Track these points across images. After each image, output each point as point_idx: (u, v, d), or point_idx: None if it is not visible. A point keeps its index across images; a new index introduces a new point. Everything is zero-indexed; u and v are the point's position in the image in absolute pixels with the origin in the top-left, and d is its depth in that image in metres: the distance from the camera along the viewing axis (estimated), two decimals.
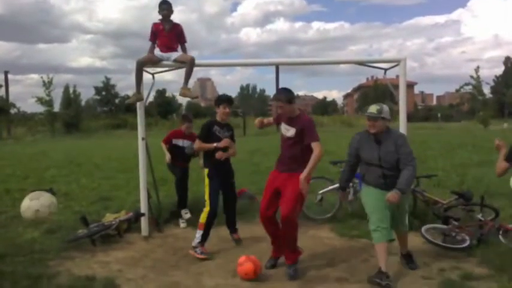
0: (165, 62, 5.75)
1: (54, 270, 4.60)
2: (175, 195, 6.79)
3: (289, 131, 4.56)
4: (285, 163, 4.60)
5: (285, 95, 4.53)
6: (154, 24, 5.71)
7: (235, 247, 5.51)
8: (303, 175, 4.28)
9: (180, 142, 6.90)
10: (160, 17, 5.71)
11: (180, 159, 6.81)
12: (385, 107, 4.32)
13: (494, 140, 4.39)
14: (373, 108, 4.29)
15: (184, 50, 5.82)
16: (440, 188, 8.20)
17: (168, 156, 6.81)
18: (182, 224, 6.52)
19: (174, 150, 6.86)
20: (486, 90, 48.29)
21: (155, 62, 5.72)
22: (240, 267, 4.38)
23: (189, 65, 5.62)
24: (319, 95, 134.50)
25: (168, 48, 5.70)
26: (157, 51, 5.71)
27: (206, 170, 5.39)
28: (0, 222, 6.76)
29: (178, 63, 5.72)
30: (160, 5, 5.68)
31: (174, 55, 5.68)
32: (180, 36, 5.79)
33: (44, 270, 4.56)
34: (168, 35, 5.68)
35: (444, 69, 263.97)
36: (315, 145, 4.36)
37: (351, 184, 6.75)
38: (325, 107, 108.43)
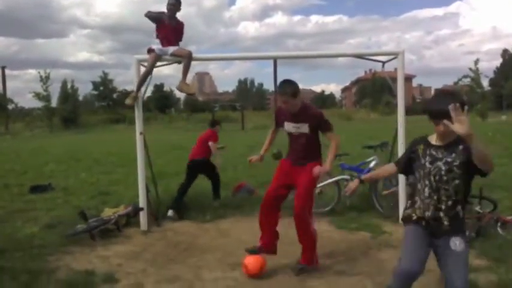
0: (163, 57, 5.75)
1: (54, 265, 4.61)
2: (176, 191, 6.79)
3: (300, 128, 4.32)
4: (299, 157, 4.38)
5: (290, 88, 4.21)
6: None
7: (234, 241, 5.52)
8: (324, 168, 4.23)
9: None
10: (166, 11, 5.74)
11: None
12: None
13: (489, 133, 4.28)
14: None
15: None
16: None
17: (221, 160, 7.35)
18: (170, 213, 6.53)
19: (209, 152, 7.02)
20: (485, 83, 48.37)
21: (159, 59, 5.72)
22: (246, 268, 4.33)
23: (186, 59, 5.63)
24: (318, 88, 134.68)
25: (168, 41, 5.70)
26: (158, 45, 5.70)
27: None
28: None
29: (175, 58, 5.72)
30: (168, 1, 5.70)
31: (171, 49, 5.67)
32: (180, 33, 5.84)
33: (43, 265, 4.57)
34: (171, 29, 5.70)
35: (442, 62, 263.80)
36: (332, 135, 4.32)
37: (349, 177, 6.78)
38: (324, 100, 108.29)
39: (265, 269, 4.35)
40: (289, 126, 4.40)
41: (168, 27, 5.71)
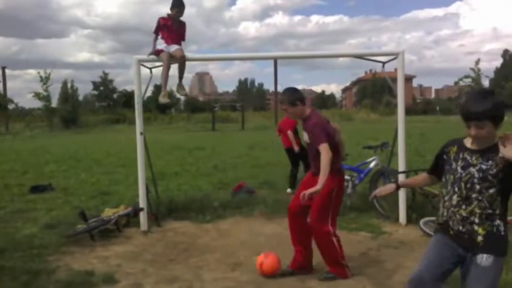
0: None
1: (54, 265, 4.61)
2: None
3: (305, 136, 4.30)
4: (315, 167, 4.19)
5: (288, 96, 4.20)
6: (162, 19, 5.74)
7: (234, 241, 5.52)
8: (317, 188, 3.82)
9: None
10: (169, 12, 5.75)
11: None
12: None
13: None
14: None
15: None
16: None
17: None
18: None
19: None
20: (485, 83, 48.40)
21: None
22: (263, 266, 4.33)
23: (179, 62, 5.69)
24: (318, 88, 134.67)
25: (173, 41, 5.74)
26: (163, 45, 5.72)
27: None
28: None
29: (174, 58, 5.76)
30: (176, 5, 5.72)
31: (173, 48, 5.69)
32: (182, 34, 5.89)
33: (43, 265, 4.57)
34: (176, 29, 5.76)
35: (443, 62, 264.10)
36: (321, 148, 3.95)
37: (349, 177, 6.78)
38: (324, 100, 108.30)
39: (279, 268, 4.35)
40: (303, 132, 4.36)
41: (171, 29, 5.74)
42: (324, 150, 3.93)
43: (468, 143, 2.50)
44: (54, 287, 4.08)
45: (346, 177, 6.76)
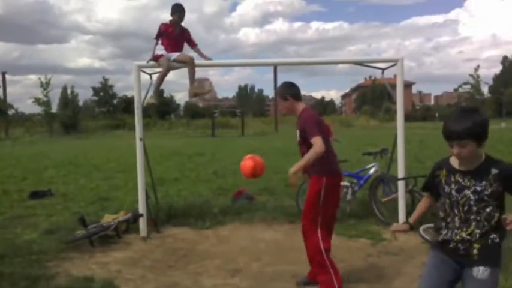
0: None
1: (53, 271, 4.59)
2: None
3: (298, 135, 4.06)
4: (307, 168, 3.94)
5: (280, 89, 4.15)
6: (163, 25, 5.78)
7: (234, 248, 5.51)
8: (292, 169, 3.65)
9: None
10: (170, 18, 5.81)
11: None
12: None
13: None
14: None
15: (199, 52, 6.03)
16: None
17: None
18: None
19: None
20: (484, 90, 48.59)
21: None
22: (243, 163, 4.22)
23: (189, 65, 5.71)
24: (318, 95, 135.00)
25: (173, 48, 5.77)
26: (162, 51, 5.74)
27: None
28: None
29: (180, 64, 5.78)
30: (176, 10, 5.77)
31: (174, 55, 5.72)
32: (189, 41, 5.95)
33: (42, 271, 4.55)
34: (176, 37, 5.78)
35: (442, 69, 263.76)
36: (313, 140, 3.69)
37: (349, 184, 6.78)
38: (324, 107, 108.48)
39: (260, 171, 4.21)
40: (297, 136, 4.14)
41: (171, 36, 5.77)
42: (317, 142, 3.68)
43: (455, 163, 2.46)
44: None
45: (346, 183, 6.77)
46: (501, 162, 2.37)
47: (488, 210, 2.36)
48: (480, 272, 2.37)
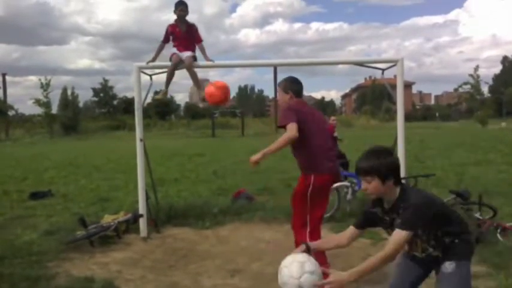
0: (161, 63, 5.86)
1: (53, 272, 4.60)
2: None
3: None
4: (298, 164, 4.00)
5: (284, 82, 4.10)
6: (170, 26, 5.76)
7: (233, 248, 5.51)
8: (258, 154, 3.61)
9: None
10: (175, 17, 5.79)
11: None
12: None
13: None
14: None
15: (202, 49, 5.89)
16: (438, 187, 8.20)
17: None
18: None
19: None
20: (484, 89, 48.59)
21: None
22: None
23: (187, 70, 5.72)
24: (318, 95, 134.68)
25: (185, 48, 5.74)
26: (174, 50, 5.75)
27: None
28: None
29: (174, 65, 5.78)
30: (177, 5, 5.73)
31: (185, 54, 5.70)
32: (195, 35, 5.85)
33: (42, 272, 4.55)
34: (184, 36, 5.74)
35: (442, 69, 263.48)
36: (288, 128, 3.58)
37: (349, 184, 6.79)
38: (324, 107, 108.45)
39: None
40: None
41: (179, 34, 5.74)
42: (289, 127, 3.53)
43: (385, 203, 2.60)
44: None
45: (346, 183, 6.77)
46: (410, 199, 2.44)
47: (419, 232, 2.49)
48: (446, 266, 2.51)
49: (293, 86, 4.06)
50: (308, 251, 2.71)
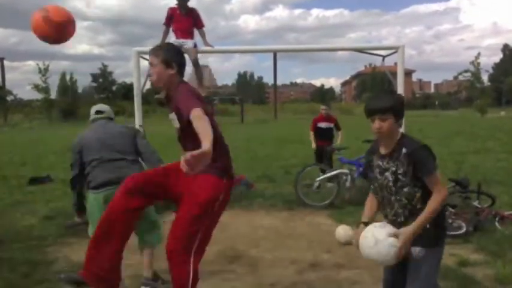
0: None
1: (52, 256, 4.62)
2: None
3: (173, 120, 2.94)
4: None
5: (166, 52, 2.90)
6: (171, 9, 5.72)
7: (232, 234, 5.52)
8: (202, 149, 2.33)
9: (322, 124, 8.00)
10: (175, 1, 5.74)
11: (324, 138, 7.95)
12: None
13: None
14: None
15: (202, 34, 5.84)
16: None
17: (314, 144, 7.95)
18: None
19: (319, 131, 8.00)
20: (485, 77, 48.45)
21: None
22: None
23: (194, 66, 5.70)
24: (317, 82, 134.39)
25: (183, 32, 5.69)
26: (172, 38, 5.71)
27: None
28: None
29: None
30: None
31: (189, 43, 5.65)
32: (196, 20, 5.79)
33: (41, 256, 4.58)
34: (184, 19, 5.68)
35: (443, 57, 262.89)
36: (192, 115, 2.53)
37: (348, 171, 6.79)
38: (323, 94, 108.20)
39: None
40: (171, 116, 3.05)
41: (179, 19, 5.69)
42: (198, 114, 2.52)
43: (382, 149, 2.57)
44: (53, 278, 4.09)
45: (345, 171, 6.78)
46: (413, 142, 2.47)
47: (406, 190, 2.45)
48: (417, 251, 2.46)
49: (179, 59, 3.00)
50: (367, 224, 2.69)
